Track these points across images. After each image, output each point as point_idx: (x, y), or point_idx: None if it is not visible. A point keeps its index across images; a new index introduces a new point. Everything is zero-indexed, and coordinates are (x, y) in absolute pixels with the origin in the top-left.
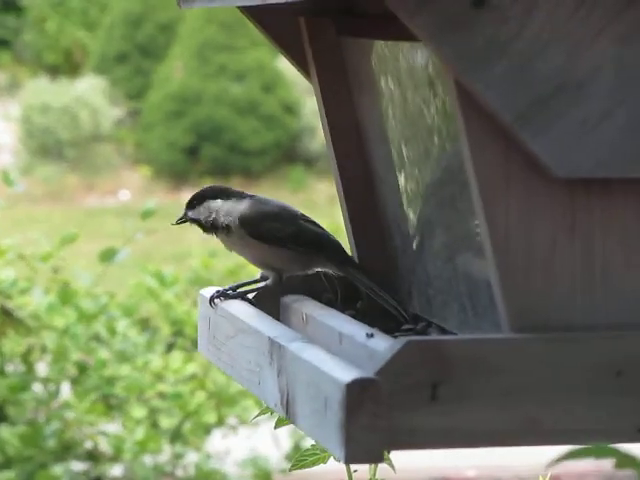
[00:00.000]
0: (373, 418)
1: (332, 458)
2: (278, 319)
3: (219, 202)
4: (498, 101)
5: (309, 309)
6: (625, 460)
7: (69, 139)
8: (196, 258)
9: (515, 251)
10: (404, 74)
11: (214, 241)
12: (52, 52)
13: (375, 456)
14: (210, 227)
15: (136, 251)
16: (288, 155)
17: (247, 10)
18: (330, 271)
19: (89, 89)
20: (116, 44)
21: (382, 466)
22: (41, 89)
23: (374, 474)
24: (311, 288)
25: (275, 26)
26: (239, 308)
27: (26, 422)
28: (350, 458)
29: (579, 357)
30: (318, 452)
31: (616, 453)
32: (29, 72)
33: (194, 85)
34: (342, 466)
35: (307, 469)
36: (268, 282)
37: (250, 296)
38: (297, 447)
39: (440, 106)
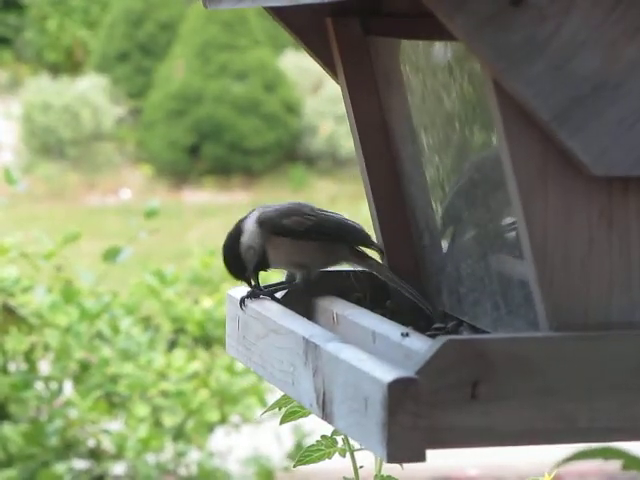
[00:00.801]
0: (414, 417)
1: (337, 454)
2: (307, 318)
3: (243, 236)
4: (536, 100)
5: (339, 308)
6: (632, 461)
7: (70, 138)
8: (196, 257)
9: (553, 249)
10: (432, 73)
11: (214, 241)
12: (53, 50)
13: (417, 455)
14: (254, 262)
15: (137, 250)
16: (289, 154)
17: (274, 11)
18: (355, 265)
19: (90, 88)
20: (117, 43)
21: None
22: (42, 88)
23: (379, 470)
24: (340, 288)
25: (302, 26)
26: (270, 308)
27: (29, 420)
28: (392, 457)
29: (617, 355)
30: (323, 448)
31: (623, 454)
32: (30, 70)
33: (195, 84)
34: (347, 462)
35: (310, 466)
36: (297, 281)
37: (278, 296)
38: (300, 445)
39: (468, 105)
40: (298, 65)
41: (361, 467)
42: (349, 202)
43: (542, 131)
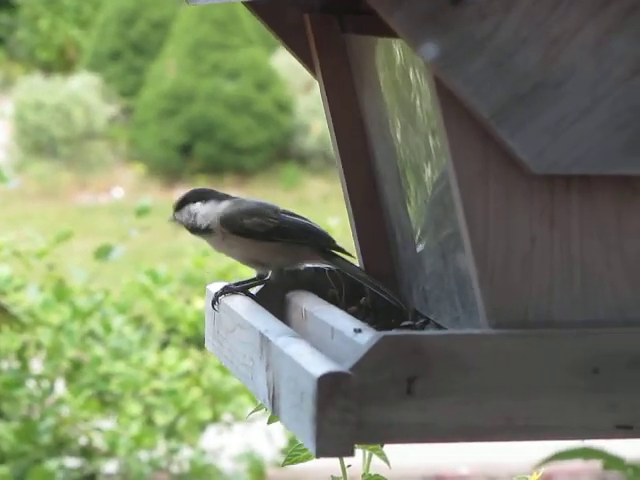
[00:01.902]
0: (344, 412)
1: None
2: (281, 314)
3: (197, 205)
4: (475, 97)
5: (308, 304)
6: (613, 462)
7: (63, 137)
8: (189, 257)
9: (494, 247)
10: (404, 71)
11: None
12: (45, 49)
13: (346, 450)
14: (192, 230)
15: (130, 249)
16: (281, 153)
17: (252, 6)
18: (322, 264)
19: (82, 87)
20: (109, 42)
21: (376, 462)
22: (34, 86)
23: (367, 469)
24: (316, 284)
25: (280, 22)
26: (239, 303)
27: (21, 418)
28: (321, 452)
29: (556, 354)
30: None
31: (604, 455)
32: (22, 69)
33: (188, 83)
34: (336, 461)
35: (302, 464)
36: (270, 277)
37: (253, 292)
38: (292, 443)
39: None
40: (290, 64)
41: (349, 466)
42: (341, 201)
43: (483, 129)
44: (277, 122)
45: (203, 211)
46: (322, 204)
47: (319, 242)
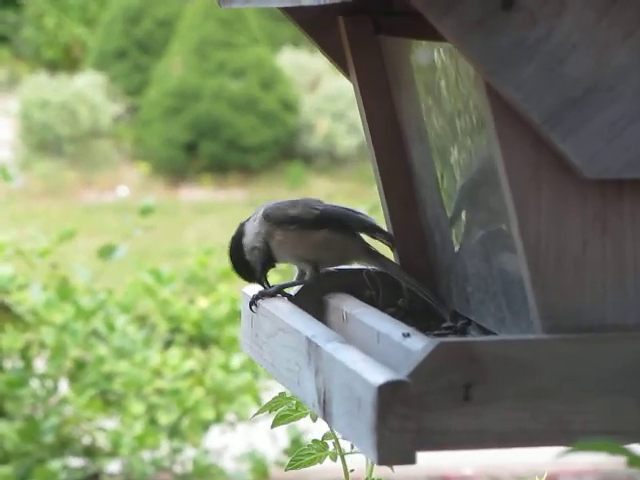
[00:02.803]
0: (404, 420)
1: (328, 457)
2: (319, 316)
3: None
4: (527, 103)
5: (349, 307)
6: (636, 459)
7: (68, 135)
8: (192, 256)
9: (546, 252)
10: (440, 73)
11: (211, 238)
12: (51, 48)
13: (407, 457)
14: (261, 261)
15: (134, 248)
16: (286, 152)
17: (285, 9)
18: (367, 264)
19: (88, 85)
20: (115, 40)
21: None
22: (40, 85)
23: (371, 473)
24: (352, 285)
25: (313, 25)
26: (279, 306)
27: (24, 418)
28: (382, 460)
29: (610, 358)
30: (314, 452)
31: (626, 452)
32: (28, 68)
33: (193, 81)
34: (338, 465)
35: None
36: (306, 278)
37: (291, 293)
38: (295, 443)
39: (475, 106)
40: (295, 63)
41: (352, 471)
42: (346, 200)
43: (535, 135)
44: (282, 121)
45: (249, 236)
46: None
47: (365, 226)
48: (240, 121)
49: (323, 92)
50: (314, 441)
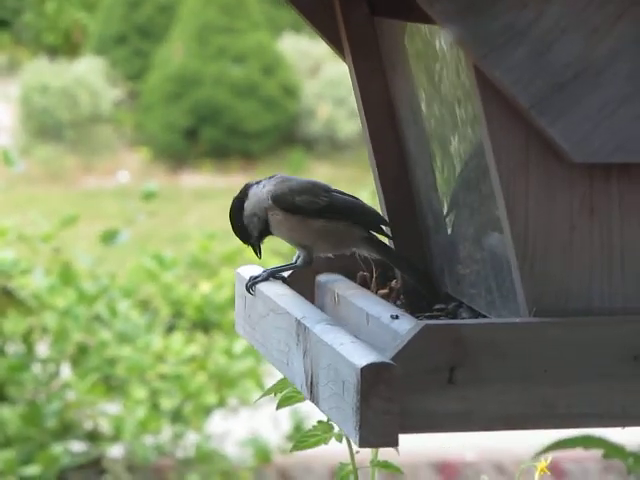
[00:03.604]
0: (387, 402)
1: (333, 439)
2: (313, 299)
3: (247, 201)
4: (516, 86)
5: (341, 289)
6: (613, 450)
7: (68, 120)
8: (194, 241)
9: (534, 235)
10: (436, 56)
11: (212, 224)
12: (51, 33)
13: (389, 439)
14: (258, 229)
15: (135, 233)
16: (287, 137)
17: None
18: (363, 251)
19: (88, 70)
20: (115, 25)
21: (384, 448)
22: (40, 70)
23: (376, 456)
24: (347, 267)
25: (311, 7)
26: (272, 288)
27: (26, 402)
28: (364, 441)
29: (596, 342)
30: (319, 433)
31: (605, 443)
32: (28, 53)
33: (194, 67)
34: (344, 447)
35: (308, 450)
36: (298, 263)
37: (286, 275)
38: (297, 428)
39: (468, 89)
40: (297, 48)
41: (357, 452)
42: (347, 186)
43: (524, 118)
44: (283, 106)
45: (254, 200)
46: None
47: (371, 221)
48: (241, 106)
49: (324, 77)
50: (319, 422)
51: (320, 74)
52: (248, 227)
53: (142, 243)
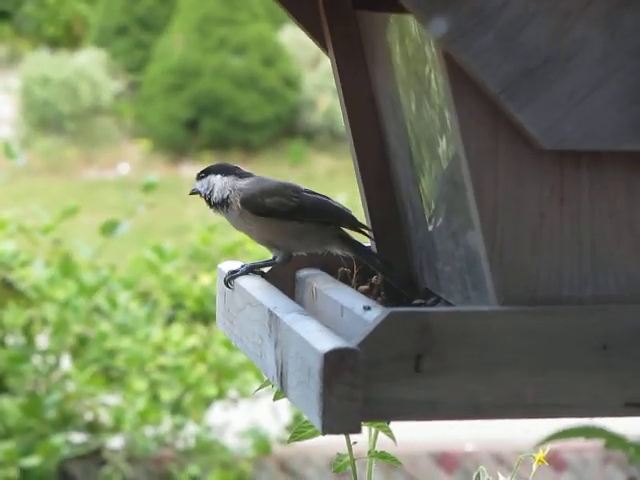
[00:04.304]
0: (351, 388)
1: None
2: (292, 294)
3: (217, 177)
4: (485, 72)
5: (319, 283)
6: (615, 440)
7: (69, 112)
8: (195, 233)
9: (503, 224)
10: (417, 47)
11: (213, 216)
12: (52, 25)
13: (352, 427)
14: (208, 201)
15: (135, 224)
16: (288, 129)
17: None
18: (337, 250)
19: (89, 62)
20: (116, 17)
21: (382, 439)
22: (41, 62)
23: (373, 446)
24: (328, 263)
25: (292, 0)
26: (249, 282)
27: (26, 393)
28: (327, 428)
29: (565, 331)
30: None
31: (606, 433)
32: (29, 45)
33: (194, 58)
34: (341, 438)
35: (307, 441)
36: (277, 260)
37: (266, 271)
38: (297, 419)
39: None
40: (297, 39)
41: (354, 443)
42: (347, 177)
43: (493, 105)
44: (284, 98)
45: (220, 184)
46: (328, 180)
47: (343, 221)
48: (241, 98)
49: (325, 69)
50: None
51: (320, 65)
52: (202, 185)
53: (142, 234)
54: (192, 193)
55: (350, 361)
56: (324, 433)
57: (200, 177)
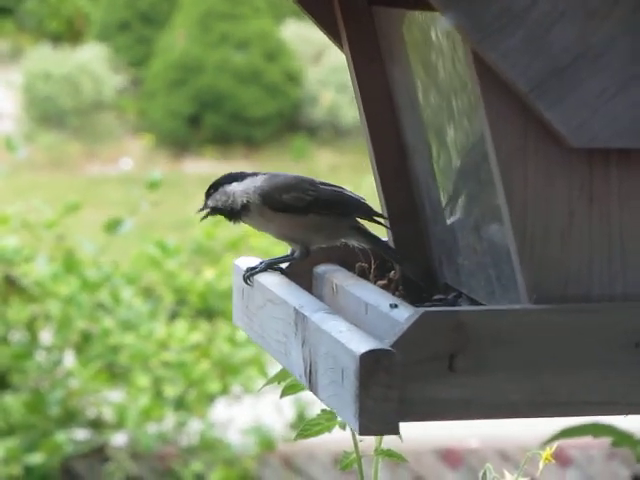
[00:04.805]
0: (386, 389)
1: (337, 427)
2: (311, 289)
3: (234, 185)
4: (514, 71)
5: (339, 279)
6: (622, 438)
7: (71, 107)
8: (198, 227)
9: (533, 222)
10: (434, 44)
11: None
12: (54, 20)
13: (390, 427)
14: (231, 211)
15: (138, 220)
16: (290, 124)
17: None
18: (354, 241)
19: (91, 57)
20: (118, 12)
21: (387, 436)
22: (43, 57)
23: (380, 444)
24: (345, 258)
25: None
26: (269, 278)
27: (30, 390)
28: (364, 429)
29: (596, 328)
30: (323, 422)
31: (613, 431)
32: (31, 40)
33: (196, 53)
34: (347, 435)
35: (312, 438)
36: (295, 255)
37: (284, 267)
38: (301, 416)
39: (465, 77)
40: (299, 34)
41: (361, 441)
42: (350, 172)
43: (522, 103)
44: (286, 93)
45: (241, 188)
46: (331, 175)
47: (360, 211)
48: (244, 93)
49: (327, 64)
50: (323, 411)
51: (323, 61)
52: (219, 199)
53: (145, 230)
54: (208, 215)
55: (385, 362)
56: (361, 434)
57: (211, 193)
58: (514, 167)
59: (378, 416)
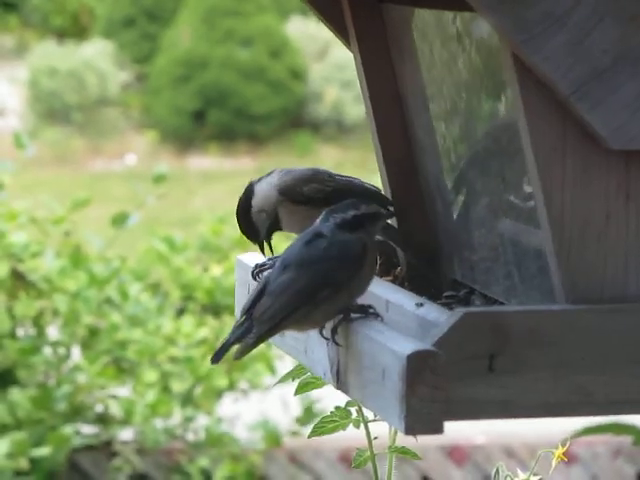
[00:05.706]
0: (432, 390)
1: (351, 425)
2: None
3: (254, 199)
4: (556, 74)
5: None
6: None
7: (76, 103)
8: (205, 224)
9: (571, 223)
10: (443, 42)
11: (219, 207)
12: (59, 16)
13: (435, 427)
14: (266, 225)
15: (143, 216)
16: (294, 120)
17: None
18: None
19: (96, 53)
20: (123, 8)
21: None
22: (48, 53)
23: (393, 441)
24: None
25: None
26: None
27: (37, 385)
28: (409, 429)
29: (633, 329)
30: (337, 419)
31: (632, 430)
32: (36, 36)
33: (201, 50)
34: (353, 431)
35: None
36: None
37: None
38: (307, 412)
39: (479, 74)
40: (304, 31)
41: (375, 438)
42: (354, 169)
43: (561, 105)
44: (290, 89)
45: (261, 194)
46: (335, 171)
47: (374, 201)
48: (248, 90)
49: (331, 61)
50: (337, 408)
51: (327, 57)
52: (256, 224)
53: (150, 226)
54: (263, 243)
55: (432, 362)
56: (406, 434)
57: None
58: (552, 168)
59: (424, 416)
